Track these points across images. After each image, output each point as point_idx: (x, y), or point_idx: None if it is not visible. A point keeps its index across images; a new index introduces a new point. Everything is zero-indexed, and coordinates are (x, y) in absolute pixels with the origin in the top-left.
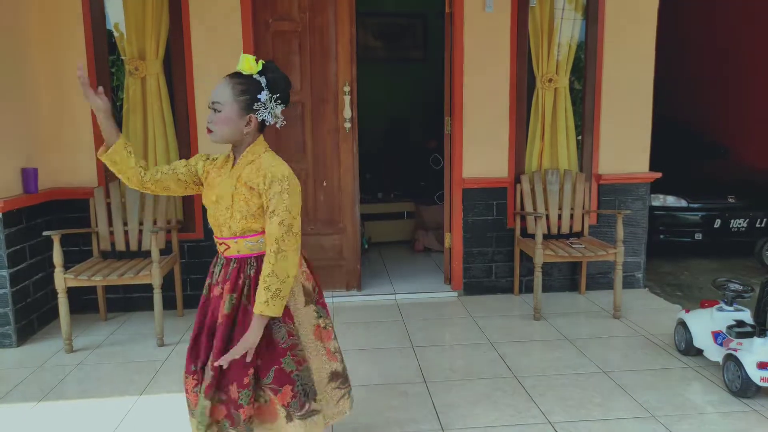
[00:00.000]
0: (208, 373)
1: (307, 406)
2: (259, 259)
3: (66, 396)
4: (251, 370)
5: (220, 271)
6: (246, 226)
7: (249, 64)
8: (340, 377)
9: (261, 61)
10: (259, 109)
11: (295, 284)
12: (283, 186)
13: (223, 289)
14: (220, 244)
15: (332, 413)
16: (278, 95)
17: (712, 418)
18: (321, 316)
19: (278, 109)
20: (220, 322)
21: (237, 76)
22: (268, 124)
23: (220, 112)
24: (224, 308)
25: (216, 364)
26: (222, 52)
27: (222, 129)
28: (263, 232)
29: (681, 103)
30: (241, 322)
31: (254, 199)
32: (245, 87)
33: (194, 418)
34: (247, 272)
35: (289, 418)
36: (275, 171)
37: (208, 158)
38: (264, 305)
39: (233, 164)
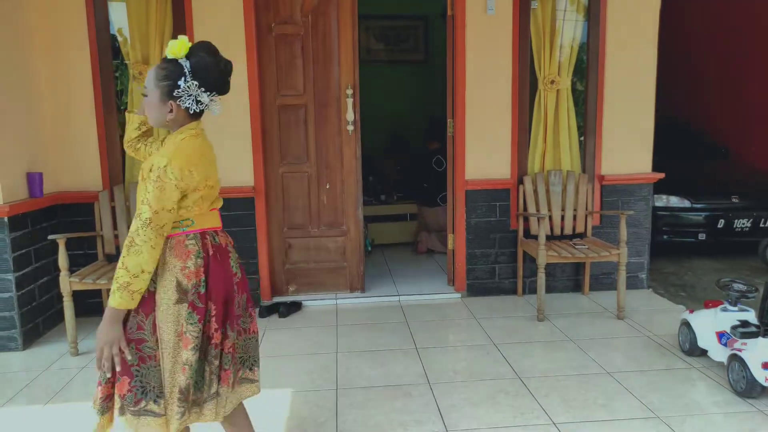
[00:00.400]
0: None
1: (142, 404)
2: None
3: (72, 399)
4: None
5: None
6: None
7: (174, 48)
8: (184, 394)
9: (189, 44)
10: (181, 96)
11: (168, 278)
12: (156, 175)
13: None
14: None
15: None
16: (200, 78)
17: (716, 418)
18: (191, 322)
19: (205, 96)
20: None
21: (163, 60)
22: (193, 111)
23: (146, 96)
24: None
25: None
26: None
27: (150, 114)
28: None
29: (683, 103)
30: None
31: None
32: (167, 72)
33: None
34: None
35: (121, 410)
36: (157, 158)
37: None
38: (111, 296)
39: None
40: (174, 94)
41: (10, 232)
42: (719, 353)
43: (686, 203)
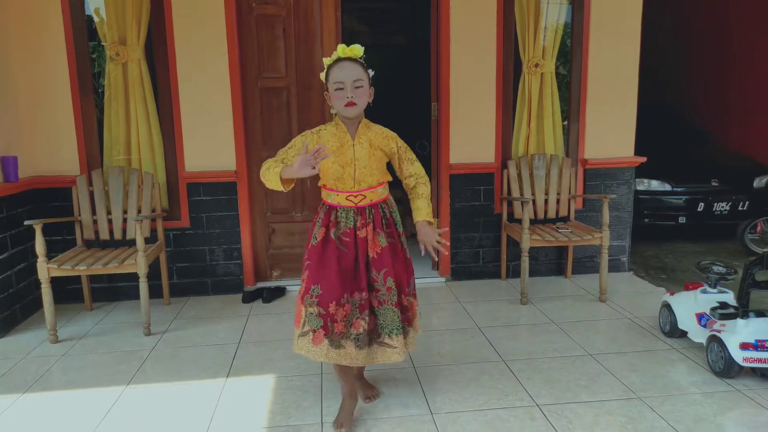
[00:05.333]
0: (394, 291)
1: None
2: (385, 202)
3: (51, 387)
4: (406, 282)
5: (354, 219)
6: (378, 179)
7: (359, 50)
8: None
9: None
10: (372, 84)
11: (398, 219)
12: (404, 145)
13: (367, 230)
14: (356, 196)
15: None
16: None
17: (695, 398)
18: None
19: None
20: (379, 253)
21: (353, 59)
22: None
23: (361, 87)
24: (380, 243)
25: (443, 248)
26: (204, 36)
27: (363, 101)
28: (384, 183)
29: (665, 88)
30: (399, 249)
31: (384, 158)
32: (366, 67)
33: (356, 344)
34: (383, 213)
35: (418, 318)
36: (390, 133)
37: (315, 133)
38: (430, 215)
39: (352, 132)
40: (370, 82)
41: None
42: (699, 334)
43: (667, 187)
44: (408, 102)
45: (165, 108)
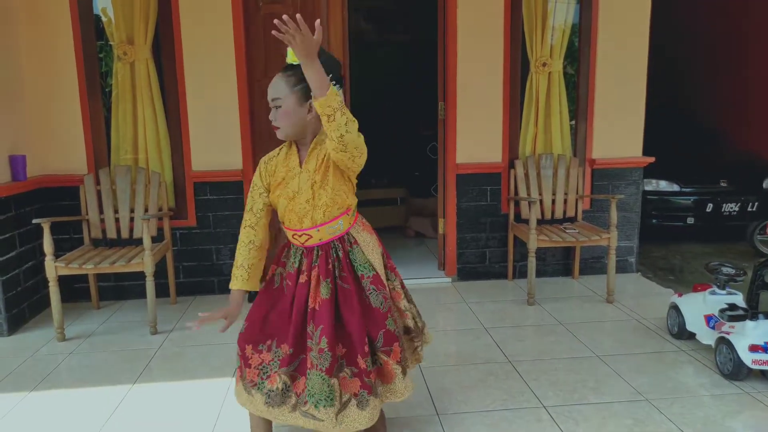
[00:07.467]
0: (326, 354)
1: (408, 359)
2: (342, 239)
3: (59, 385)
4: (366, 339)
5: (300, 260)
6: (332, 212)
7: (290, 56)
8: (412, 331)
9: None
10: (309, 98)
11: (375, 255)
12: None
13: (310, 276)
14: (301, 235)
15: (411, 361)
16: (331, 75)
17: (704, 400)
18: (390, 279)
19: (335, 88)
20: (318, 307)
21: (288, 68)
22: None
23: (280, 107)
24: (321, 294)
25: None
26: (212, 35)
27: (286, 123)
28: (342, 214)
29: (674, 87)
30: (343, 302)
31: (342, 176)
32: (299, 76)
33: (266, 398)
34: (333, 256)
35: (403, 372)
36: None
37: (266, 162)
38: (336, 92)
39: (303, 157)
40: (311, 93)
41: None
42: (707, 336)
43: (675, 187)
44: (416, 101)
45: (172, 107)
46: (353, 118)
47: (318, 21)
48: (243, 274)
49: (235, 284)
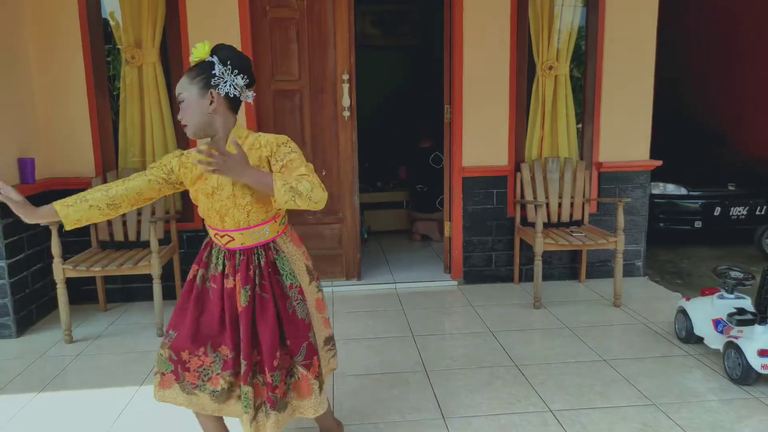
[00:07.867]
0: (242, 362)
1: (324, 373)
2: (266, 247)
3: (66, 386)
4: (278, 353)
5: (223, 263)
6: (258, 217)
7: (197, 51)
8: (331, 341)
9: (209, 44)
10: (218, 84)
11: (299, 266)
12: (288, 147)
13: (235, 280)
14: (223, 236)
15: (326, 371)
16: (231, 65)
17: (712, 405)
18: (320, 290)
19: (239, 80)
20: (240, 314)
21: (192, 67)
22: (232, 96)
23: (182, 102)
24: (241, 301)
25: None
26: (219, 39)
27: (190, 117)
28: (270, 221)
29: (682, 90)
30: (259, 311)
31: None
32: (199, 69)
33: (214, 397)
34: (255, 262)
35: (320, 387)
36: (278, 138)
37: (182, 154)
38: (281, 185)
39: None
40: (212, 83)
41: (1, 219)
42: (715, 341)
43: (683, 191)
44: (421, 105)
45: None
46: (312, 184)
47: (234, 138)
48: (70, 202)
49: (57, 203)
